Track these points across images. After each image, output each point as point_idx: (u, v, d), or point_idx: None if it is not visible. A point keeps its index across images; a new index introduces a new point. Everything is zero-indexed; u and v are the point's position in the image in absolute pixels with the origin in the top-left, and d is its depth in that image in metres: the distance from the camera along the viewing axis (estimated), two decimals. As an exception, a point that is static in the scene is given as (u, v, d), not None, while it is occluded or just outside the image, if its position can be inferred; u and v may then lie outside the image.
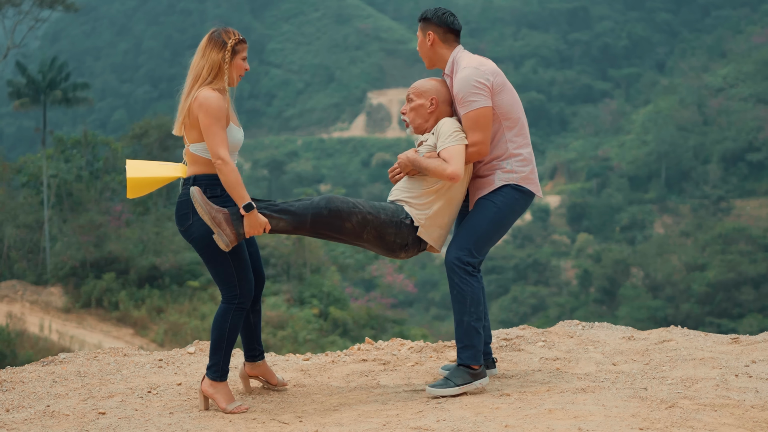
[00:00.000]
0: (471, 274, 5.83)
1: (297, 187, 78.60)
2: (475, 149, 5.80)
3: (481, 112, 5.79)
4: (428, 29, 6.04)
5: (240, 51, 5.67)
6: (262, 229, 5.54)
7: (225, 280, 5.69)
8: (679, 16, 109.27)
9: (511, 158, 5.91)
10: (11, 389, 6.33)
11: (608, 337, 7.09)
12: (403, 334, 35.73)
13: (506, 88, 5.91)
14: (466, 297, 5.81)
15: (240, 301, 5.71)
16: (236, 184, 5.48)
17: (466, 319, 5.82)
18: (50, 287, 39.24)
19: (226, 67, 5.62)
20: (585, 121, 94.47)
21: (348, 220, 5.69)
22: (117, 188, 47.41)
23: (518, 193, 5.89)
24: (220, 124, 5.51)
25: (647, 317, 48.32)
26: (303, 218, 5.64)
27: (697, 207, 71.28)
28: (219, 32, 5.66)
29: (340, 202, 5.68)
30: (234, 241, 5.51)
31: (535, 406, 5.35)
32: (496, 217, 5.86)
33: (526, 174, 5.91)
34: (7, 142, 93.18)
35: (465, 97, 5.80)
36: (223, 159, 5.46)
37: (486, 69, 5.85)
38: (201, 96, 5.52)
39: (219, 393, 5.74)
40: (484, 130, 5.80)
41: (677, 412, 5.17)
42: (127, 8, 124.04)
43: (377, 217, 5.74)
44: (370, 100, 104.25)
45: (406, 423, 5.19)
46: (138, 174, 5.88)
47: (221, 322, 5.72)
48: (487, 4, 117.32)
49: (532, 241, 71.19)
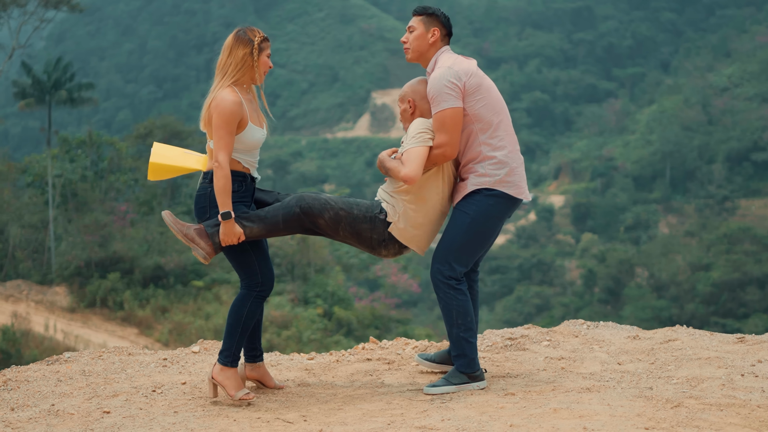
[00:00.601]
0: (453, 287, 5.83)
1: (301, 187, 78.61)
2: (440, 151, 5.73)
3: (448, 113, 5.71)
4: (433, 26, 5.94)
5: (265, 48, 5.82)
6: (236, 238, 5.64)
7: (247, 268, 5.80)
8: (684, 16, 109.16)
9: (485, 161, 5.81)
10: (16, 388, 6.33)
11: (613, 337, 7.08)
12: (408, 333, 35.72)
13: (482, 89, 5.81)
14: (452, 310, 5.83)
15: (261, 290, 5.82)
16: (224, 191, 5.59)
17: (455, 331, 5.85)
18: (55, 287, 39.27)
19: (256, 65, 5.76)
20: (589, 120, 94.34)
21: (320, 217, 5.74)
22: (121, 188, 47.46)
23: (492, 198, 5.79)
24: (228, 129, 5.62)
25: (652, 317, 48.26)
26: (275, 220, 5.72)
27: (702, 207, 71.19)
28: (244, 30, 5.78)
29: (311, 200, 5.74)
30: (211, 253, 5.67)
31: (540, 406, 5.34)
32: (471, 227, 5.80)
33: (501, 177, 5.79)
34: (12, 142, 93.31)
35: (435, 97, 5.74)
36: (220, 163, 5.58)
37: (459, 69, 5.77)
38: (218, 96, 5.66)
39: (229, 379, 5.80)
40: (450, 132, 5.71)
41: (683, 411, 5.16)
42: (132, 8, 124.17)
43: (350, 212, 5.76)
44: (374, 100, 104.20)
45: (410, 422, 5.19)
46: (161, 160, 5.97)
47: (239, 307, 5.80)
48: (492, 3, 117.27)
49: (536, 241, 71.15)
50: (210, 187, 5.73)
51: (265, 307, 6.10)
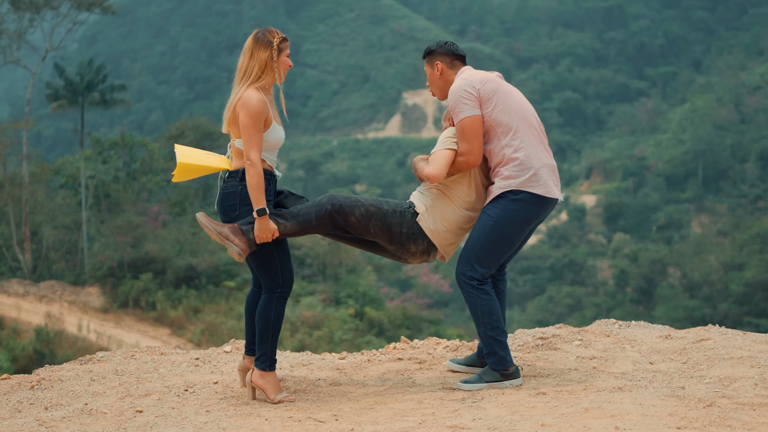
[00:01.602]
0: (476, 287, 5.94)
1: (332, 188, 78.65)
2: (463, 159, 5.90)
3: (466, 121, 5.87)
4: (434, 60, 6.16)
5: (284, 48, 5.91)
6: (271, 234, 5.74)
7: (269, 270, 5.88)
8: (716, 14, 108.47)
9: (509, 163, 5.92)
10: (50, 387, 6.38)
11: (645, 336, 7.05)
12: (439, 333, 35.66)
13: (498, 94, 5.92)
14: (477, 309, 5.95)
15: (282, 291, 5.90)
16: (257, 188, 5.69)
17: (482, 330, 5.97)
18: (88, 287, 39.49)
19: (275, 65, 5.84)
20: (621, 120, 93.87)
21: (351, 214, 5.86)
22: (154, 189, 47.69)
23: (516, 203, 5.89)
24: (258, 127, 5.72)
25: (684, 317, 47.96)
26: (308, 218, 5.84)
27: (735, 206, 70.67)
28: (263, 32, 5.89)
29: (342, 198, 5.89)
30: (246, 250, 5.74)
31: (572, 405, 5.33)
32: (493, 229, 5.90)
33: (527, 178, 5.89)
34: (45, 143, 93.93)
35: (454, 107, 5.92)
36: (252, 161, 5.68)
37: (473, 78, 5.94)
38: (245, 96, 5.76)
39: (269, 383, 5.89)
40: (470, 140, 5.87)
41: (715, 411, 5.13)
42: (164, 10, 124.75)
43: (380, 208, 5.92)
44: (405, 100, 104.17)
45: (442, 421, 5.19)
46: (188, 160, 6.03)
47: (266, 311, 5.88)
48: (523, 3, 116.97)
49: (568, 241, 70.90)
50: (239, 185, 5.82)
51: (296, 307, 6.17)
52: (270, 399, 5.84)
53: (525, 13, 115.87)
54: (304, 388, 6.15)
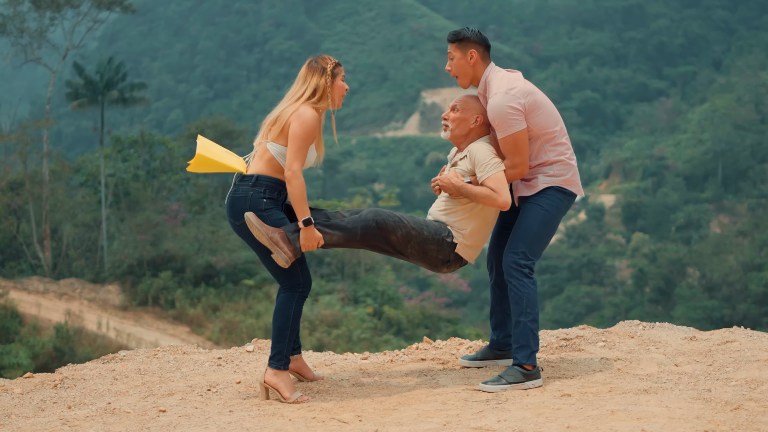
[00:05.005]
0: (527, 276, 6.05)
1: (351, 186, 78.73)
2: (516, 171, 6.09)
3: (517, 136, 6.02)
4: (469, 48, 6.20)
5: (338, 73, 6.02)
6: (317, 243, 5.84)
7: (290, 271, 5.93)
8: (736, 14, 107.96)
9: (555, 164, 6.16)
10: (73, 386, 6.39)
11: (670, 338, 7.02)
12: (457, 333, 35.66)
13: (538, 104, 6.09)
14: (523, 299, 6.02)
15: (302, 290, 5.97)
16: (301, 199, 5.77)
17: (522, 320, 6.01)
18: (108, 285, 39.63)
19: (329, 90, 5.95)
20: (640, 119, 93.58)
21: (393, 233, 5.97)
22: (173, 187, 47.82)
23: (561, 194, 6.15)
24: (307, 141, 5.86)
25: (703, 317, 47.80)
26: (353, 232, 5.95)
27: (755, 206, 70.33)
28: (316, 59, 6.02)
29: (387, 216, 5.97)
30: (292, 258, 5.81)
31: (597, 407, 5.30)
32: (545, 219, 6.11)
33: (568, 177, 6.17)
34: (65, 141, 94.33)
35: (501, 123, 6.03)
36: (295, 172, 5.77)
37: (516, 92, 6.04)
38: (302, 109, 5.87)
39: (282, 382, 5.90)
40: (522, 152, 6.06)
41: (743, 414, 5.10)
42: (183, 9, 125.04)
43: (420, 233, 6.03)
44: (424, 99, 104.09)
45: (466, 423, 5.17)
46: (207, 154, 6.11)
47: (285, 309, 5.93)
48: (542, 2, 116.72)
49: (586, 241, 70.75)
50: (251, 190, 5.87)
51: (315, 306, 6.23)
52: (285, 398, 5.84)
53: (544, 12, 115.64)
54: (326, 389, 6.14)
